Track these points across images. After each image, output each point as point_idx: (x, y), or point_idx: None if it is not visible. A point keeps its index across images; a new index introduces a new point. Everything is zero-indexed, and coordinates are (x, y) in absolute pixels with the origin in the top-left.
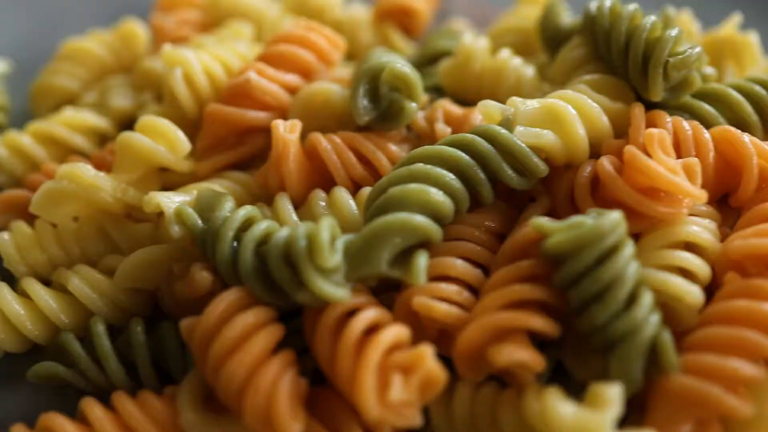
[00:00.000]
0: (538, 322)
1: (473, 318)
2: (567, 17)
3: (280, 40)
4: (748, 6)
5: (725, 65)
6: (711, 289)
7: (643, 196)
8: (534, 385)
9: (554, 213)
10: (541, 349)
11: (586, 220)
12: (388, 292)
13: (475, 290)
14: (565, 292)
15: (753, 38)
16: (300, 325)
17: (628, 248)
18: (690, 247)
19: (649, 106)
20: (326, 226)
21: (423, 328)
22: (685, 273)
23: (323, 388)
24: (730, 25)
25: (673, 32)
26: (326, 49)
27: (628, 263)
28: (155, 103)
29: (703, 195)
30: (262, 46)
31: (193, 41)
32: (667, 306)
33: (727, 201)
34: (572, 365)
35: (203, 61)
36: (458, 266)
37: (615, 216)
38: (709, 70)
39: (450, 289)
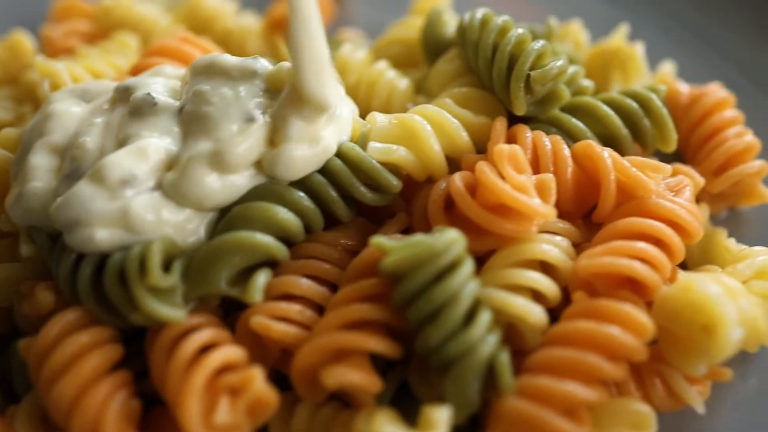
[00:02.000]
0: (376, 344)
1: (311, 338)
2: (449, 28)
3: (153, 52)
4: (640, 16)
5: (612, 76)
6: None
7: (491, 213)
8: (368, 407)
9: (412, 230)
10: (390, 369)
11: (424, 239)
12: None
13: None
14: (404, 312)
15: (638, 49)
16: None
17: (466, 267)
18: (546, 265)
19: (520, 120)
20: (159, 247)
21: (266, 348)
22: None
23: (164, 409)
24: (618, 36)
25: (537, 45)
26: None
27: (464, 282)
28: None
29: (550, 212)
30: None
31: (79, 52)
32: (513, 326)
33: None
34: (416, 386)
35: (74, 73)
36: (303, 285)
37: (450, 235)
38: (587, 83)
39: (290, 308)
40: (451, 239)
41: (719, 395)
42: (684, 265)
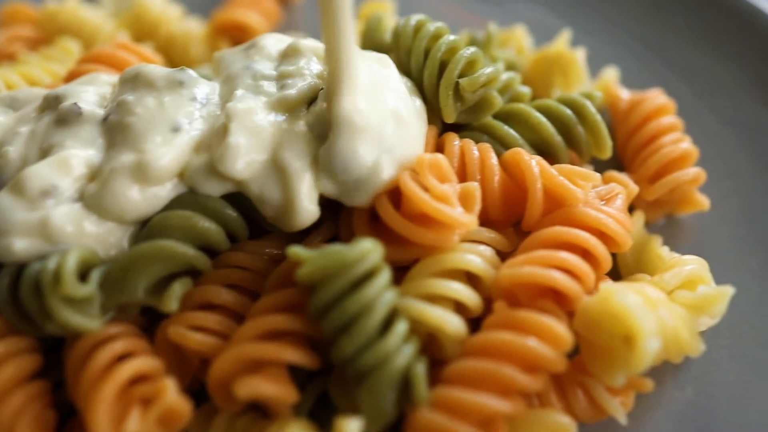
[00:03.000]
0: (292, 355)
1: (227, 348)
2: (388, 34)
3: (89, 59)
4: (586, 22)
5: (553, 82)
6: None
7: (413, 223)
8: (281, 418)
9: (339, 239)
10: (312, 379)
11: (338, 249)
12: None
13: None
14: (320, 323)
15: (579, 55)
16: None
17: (382, 277)
18: (472, 275)
19: (453, 127)
20: (74, 257)
21: (186, 358)
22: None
23: (80, 419)
24: (560, 42)
25: (467, 52)
26: None
27: (380, 292)
28: None
29: (472, 222)
30: None
31: (19, 58)
32: (433, 337)
33: None
34: (336, 397)
35: (8, 80)
36: (223, 294)
37: (365, 245)
38: (524, 89)
39: (208, 318)
40: (364, 249)
41: (654, 405)
42: (618, 273)
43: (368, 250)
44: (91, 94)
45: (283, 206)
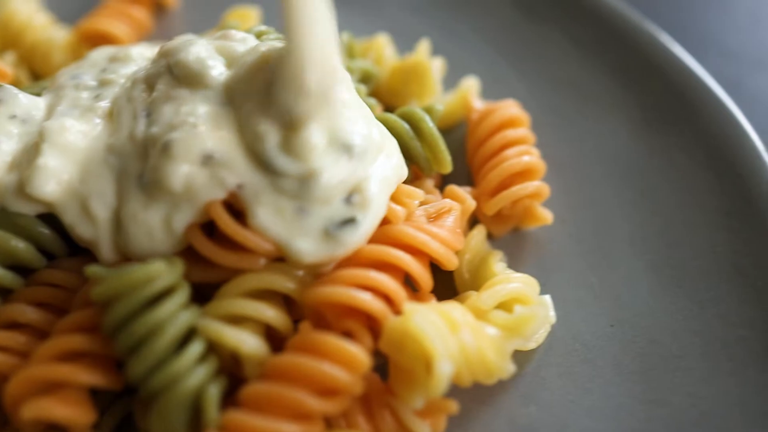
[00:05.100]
0: (86, 376)
1: (22, 369)
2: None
3: None
4: (454, 30)
5: (410, 92)
6: None
7: (214, 245)
8: None
9: None
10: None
11: (130, 269)
12: None
13: None
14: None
15: (435, 64)
16: None
17: (177, 297)
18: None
19: None
20: None
21: None
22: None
23: None
24: (421, 51)
25: None
26: None
27: (173, 313)
28: None
29: (265, 246)
30: None
31: None
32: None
33: None
34: (138, 417)
35: None
36: (28, 313)
37: (156, 265)
38: (371, 101)
39: (12, 337)
40: (154, 270)
41: (496, 421)
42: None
43: (158, 270)
44: None
45: (92, 241)
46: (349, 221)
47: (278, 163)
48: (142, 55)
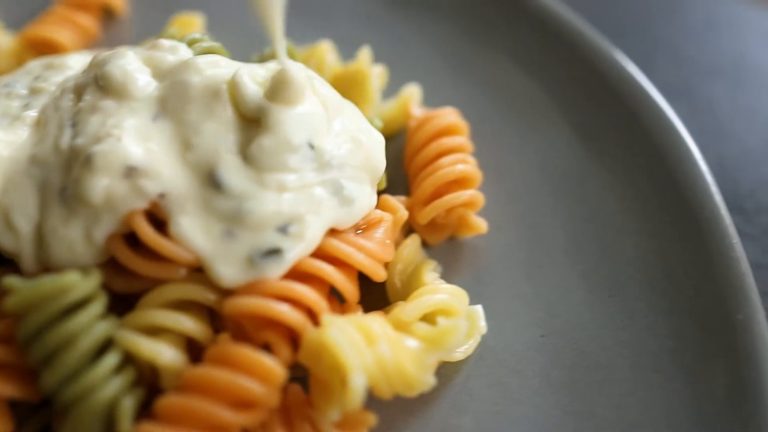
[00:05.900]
0: (1, 388)
1: None
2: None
3: None
4: (399, 37)
5: (351, 99)
6: None
7: (136, 255)
8: None
9: None
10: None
11: (43, 280)
12: None
13: None
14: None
15: (374, 72)
16: None
17: (92, 308)
18: None
19: None
20: None
21: None
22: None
23: None
24: (361, 58)
25: None
26: None
27: (87, 324)
28: None
29: (185, 255)
30: None
31: None
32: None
33: None
34: (56, 429)
35: None
36: None
37: (69, 276)
38: None
39: None
40: (68, 281)
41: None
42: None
43: (72, 281)
44: None
45: (15, 253)
46: (275, 252)
47: (229, 180)
48: (82, 63)
